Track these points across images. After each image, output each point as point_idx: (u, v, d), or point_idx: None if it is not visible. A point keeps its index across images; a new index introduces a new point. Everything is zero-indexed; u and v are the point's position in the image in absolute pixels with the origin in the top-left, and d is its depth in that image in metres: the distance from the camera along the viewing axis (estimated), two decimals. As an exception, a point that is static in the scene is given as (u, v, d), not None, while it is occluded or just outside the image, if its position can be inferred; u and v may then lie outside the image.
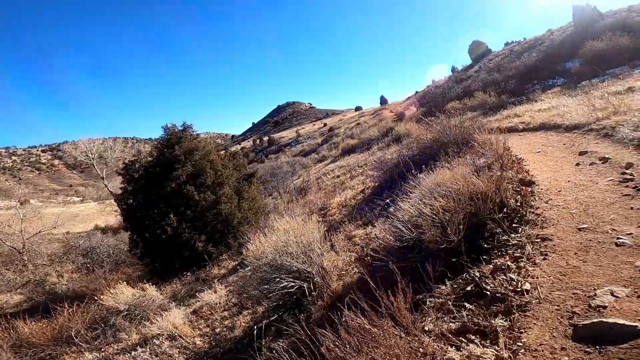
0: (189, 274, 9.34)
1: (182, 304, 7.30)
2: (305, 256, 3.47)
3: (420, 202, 2.93)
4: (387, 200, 5.52)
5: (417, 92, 35.43)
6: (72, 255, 15.72)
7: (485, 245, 2.64)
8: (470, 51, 28.48)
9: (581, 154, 4.30)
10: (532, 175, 3.77)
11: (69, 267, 15.17)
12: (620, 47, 12.68)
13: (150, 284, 7.68)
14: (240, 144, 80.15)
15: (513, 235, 2.65)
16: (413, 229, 2.74)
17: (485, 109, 13.23)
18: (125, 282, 7.28)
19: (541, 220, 2.81)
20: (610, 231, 2.48)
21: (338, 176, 13.59)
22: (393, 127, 16.64)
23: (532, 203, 3.07)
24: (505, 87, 14.85)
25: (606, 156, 3.85)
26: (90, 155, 32.79)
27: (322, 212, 8.93)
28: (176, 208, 10.24)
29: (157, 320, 5.59)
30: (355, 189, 9.32)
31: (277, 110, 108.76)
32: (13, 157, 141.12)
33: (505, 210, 2.90)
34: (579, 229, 2.62)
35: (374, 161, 8.82)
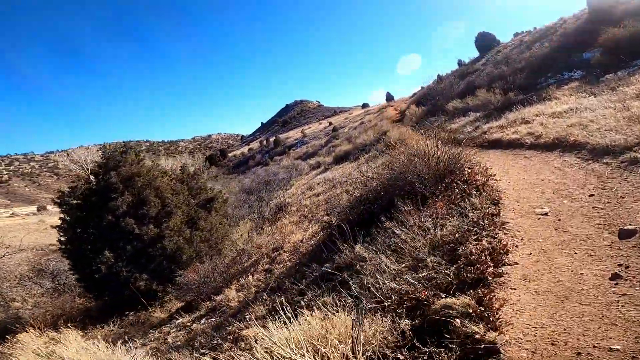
0: (131, 313, 8.14)
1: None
2: None
3: None
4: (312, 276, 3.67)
5: (422, 87, 33.04)
6: (39, 278, 14.71)
7: None
8: (476, 43, 25.97)
9: (624, 234, 2.31)
10: (519, 333, 1.79)
11: (35, 290, 14.11)
12: (648, 34, 10.38)
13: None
14: (248, 145, 79.21)
15: None
16: None
17: (488, 110, 11.09)
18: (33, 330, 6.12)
19: None
20: None
21: (319, 194, 11.77)
22: (387, 131, 14.62)
23: None
24: (514, 82, 12.61)
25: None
26: (84, 165, 31.99)
27: (275, 253, 7.14)
28: (115, 242, 8.68)
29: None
30: (320, 222, 7.46)
31: (285, 109, 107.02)
32: (32, 163, 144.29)
33: None
34: None
35: (326, 202, 7.01)
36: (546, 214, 2.98)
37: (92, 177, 9.45)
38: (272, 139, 61.77)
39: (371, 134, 17.31)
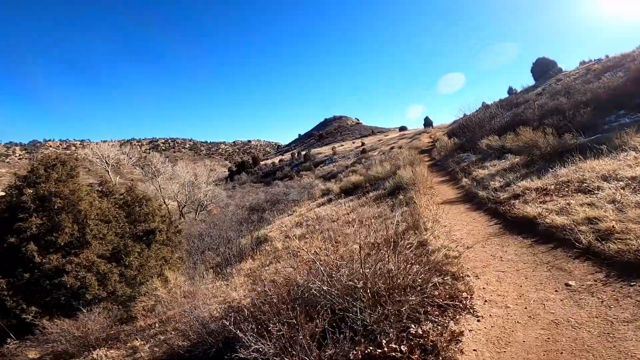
0: (13, 343, 6.82)
1: None
2: None
3: None
4: None
5: (465, 114, 29.64)
6: None
7: None
8: (533, 70, 22.51)
9: None
10: None
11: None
12: None
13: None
14: (283, 155, 78.95)
15: None
16: None
17: (532, 155, 8.12)
18: None
19: None
20: None
21: (297, 237, 9.44)
22: (400, 167, 11.96)
23: None
24: (573, 119, 9.51)
25: None
26: (105, 160, 31.97)
27: (164, 326, 4.86)
28: (12, 266, 7.04)
29: None
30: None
31: (323, 123, 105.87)
32: (86, 150, 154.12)
33: None
34: None
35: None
36: None
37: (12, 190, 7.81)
38: (303, 153, 60.54)
39: (387, 166, 14.65)
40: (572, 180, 5.28)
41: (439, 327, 2.10)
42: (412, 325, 2.06)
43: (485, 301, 2.61)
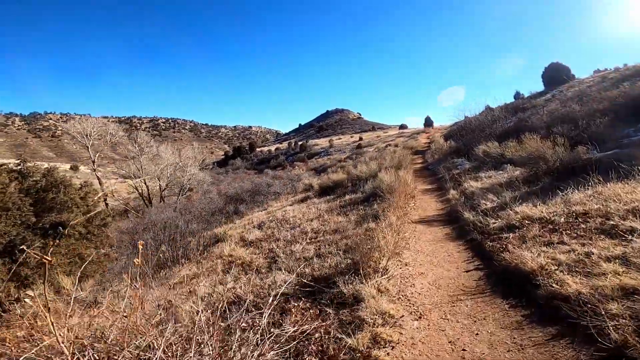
0: None
1: None
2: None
3: None
4: None
5: (466, 116, 28.04)
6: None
7: None
8: (544, 76, 20.87)
9: None
10: None
11: None
12: None
13: None
14: (281, 143, 77.55)
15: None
16: None
17: (537, 169, 6.65)
18: None
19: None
20: None
21: (250, 243, 8.05)
22: (381, 168, 10.50)
23: None
24: (587, 128, 8.03)
25: None
26: (85, 136, 30.35)
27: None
28: None
29: None
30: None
31: (325, 114, 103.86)
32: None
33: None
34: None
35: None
36: None
37: None
38: (300, 143, 59.08)
39: (373, 165, 13.20)
40: (590, 212, 3.81)
41: None
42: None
43: None
